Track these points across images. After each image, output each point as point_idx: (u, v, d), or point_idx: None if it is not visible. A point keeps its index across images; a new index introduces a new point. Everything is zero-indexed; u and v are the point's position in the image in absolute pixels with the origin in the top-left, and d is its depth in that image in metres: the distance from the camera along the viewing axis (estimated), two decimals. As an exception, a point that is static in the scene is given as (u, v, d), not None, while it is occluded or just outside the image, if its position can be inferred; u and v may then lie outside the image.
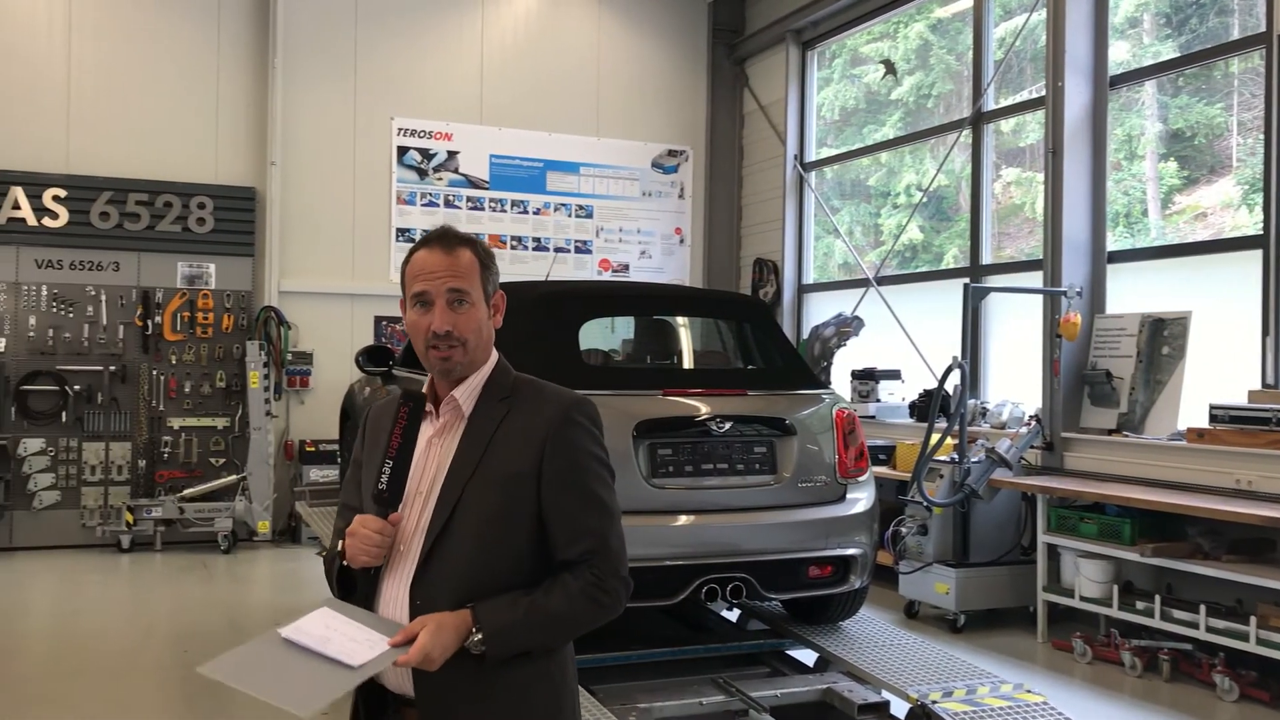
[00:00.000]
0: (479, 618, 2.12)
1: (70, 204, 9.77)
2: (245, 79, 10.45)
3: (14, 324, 9.65)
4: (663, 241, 12.05)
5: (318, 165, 10.66)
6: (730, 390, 5.12)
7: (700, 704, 4.58)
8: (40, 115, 9.80)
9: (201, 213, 10.17)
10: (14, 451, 9.58)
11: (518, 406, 2.30)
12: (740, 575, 4.71)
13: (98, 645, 6.73)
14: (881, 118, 10.78)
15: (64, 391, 9.72)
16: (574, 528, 2.23)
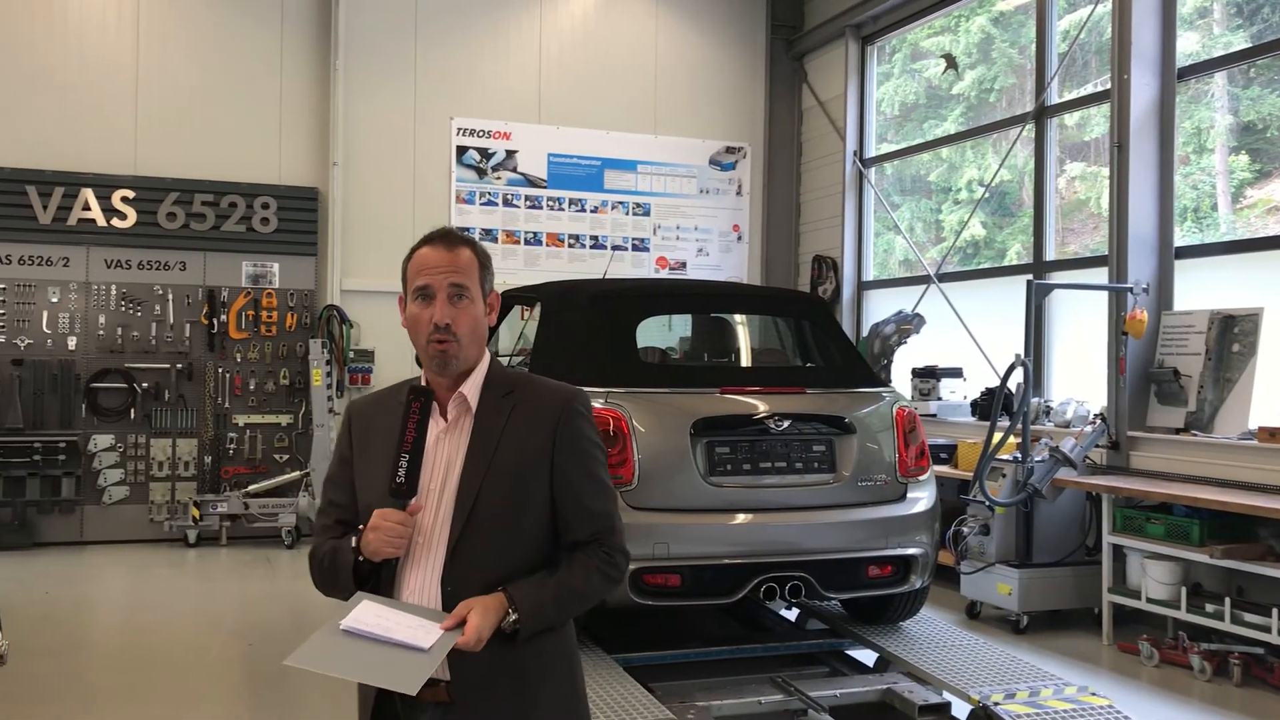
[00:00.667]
0: (513, 599, 2.24)
1: (138, 205, 9.97)
2: (308, 81, 10.59)
3: (84, 323, 9.87)
4: (720, 239, 12.02)
5: (379, 165, 10.78)
6: (789, 388, 5.09)
7: (759, 703, 4.57)
8: (109, 118, 10.01)
9: (265, 213, 10.32)
10: (84, 448, 9.80)
11: (521, 401, 2.41)
12: (799, 574, 4.69)
13: (165, 638, 6.86)
14: (942, 113, 10.66)
15: (132, 389, 9.93)
16: (585, 510, 2.38)
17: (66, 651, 6.38)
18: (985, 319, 9.49)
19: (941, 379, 9.43)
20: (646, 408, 4.76)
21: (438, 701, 2.29)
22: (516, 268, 11.08)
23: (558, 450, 2.37)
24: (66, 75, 9.89)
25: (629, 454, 4.63)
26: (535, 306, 5.98)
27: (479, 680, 2.28)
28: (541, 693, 2.34)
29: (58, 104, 9.85)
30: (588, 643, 4.93)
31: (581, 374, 4.96)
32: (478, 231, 11.08)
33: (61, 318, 9.80)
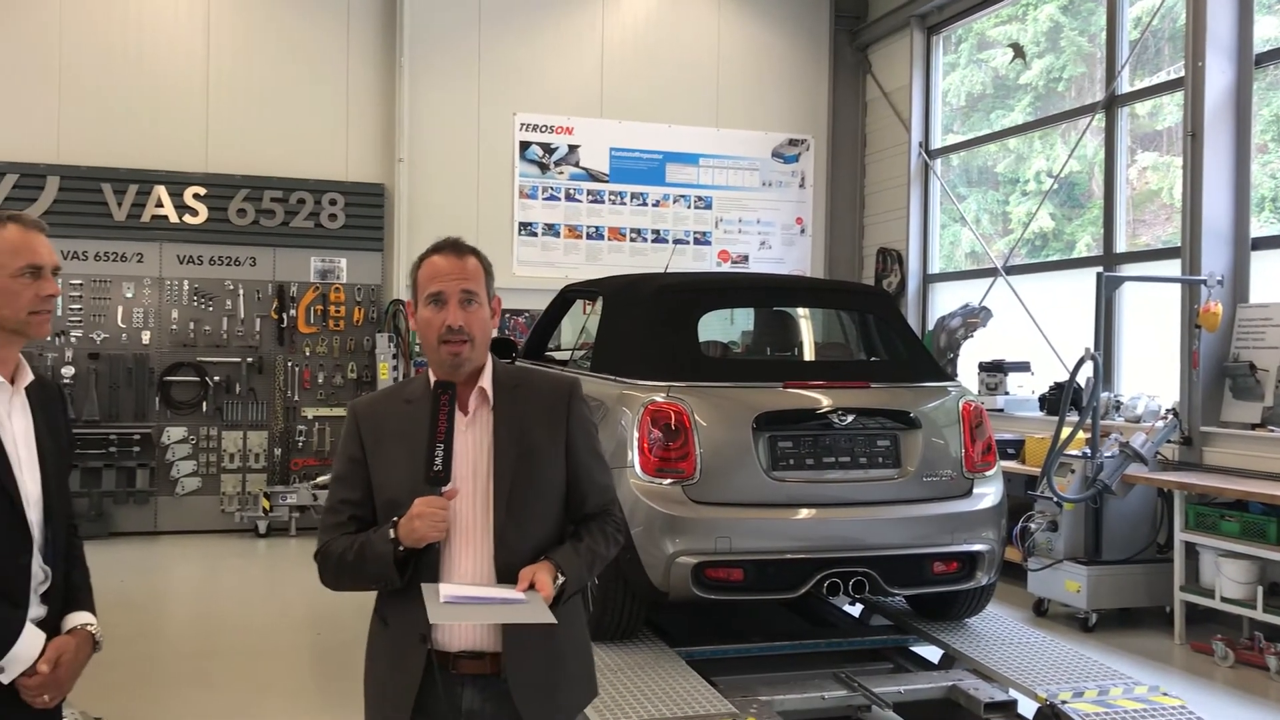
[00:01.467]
0: (559, 565, 2.48)
1: (209, 201, 10.16)
2: (374, 78, 10.71)
3: (158, 317, 10.09)
4: (783, 232, 11.96)
5: (443, 161, 10.87)
6: (853, 383, 5.06)
7: (822, 698, 4.55)
8: (181, 117, 10.21)
9: (333, 209, 10.47)
10: (158, 440, 10.02)
11: (530, 392, 2.64)
12: (863, 570, 4.66)
13: (235, 626, 7.00)
14: (1010, 103, 10.50)
15: (204, 382, 10.13)
16: (596, 485, 2.67)
17: (141, 639, 6.54)
18: (1054, 312, 9.34)
19: (1009, 373, 9.30)
20: (709, 402, 4.75)
21: (480, 674, 2.48)
22: (578, 262, 11.13)
23: (572, 432, 2.63)
24: (139, 76, 10.10)
25: (691, 448, 4.63)
26: (597, 301, 6.00)
27: (527, 647, 2.48)
28: (566, 653, 2.60)
29: (131, 104, 10.06)
30: (650, 635, 4.95)
31: (643, 368, 4.98)
32: (540, 226, 11.14)
33: (136, 312, 10.03)
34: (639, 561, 4.59)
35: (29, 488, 2.49)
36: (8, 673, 2.40)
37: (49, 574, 2.55)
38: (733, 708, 4.17)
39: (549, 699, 2.55)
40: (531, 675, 2.50)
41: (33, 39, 9.84)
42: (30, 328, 2.51)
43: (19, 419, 2.52)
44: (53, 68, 9.89)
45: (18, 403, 2.54)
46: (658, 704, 4.17)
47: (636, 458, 4.66)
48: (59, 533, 2.59)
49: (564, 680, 2.59)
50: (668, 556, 4.53)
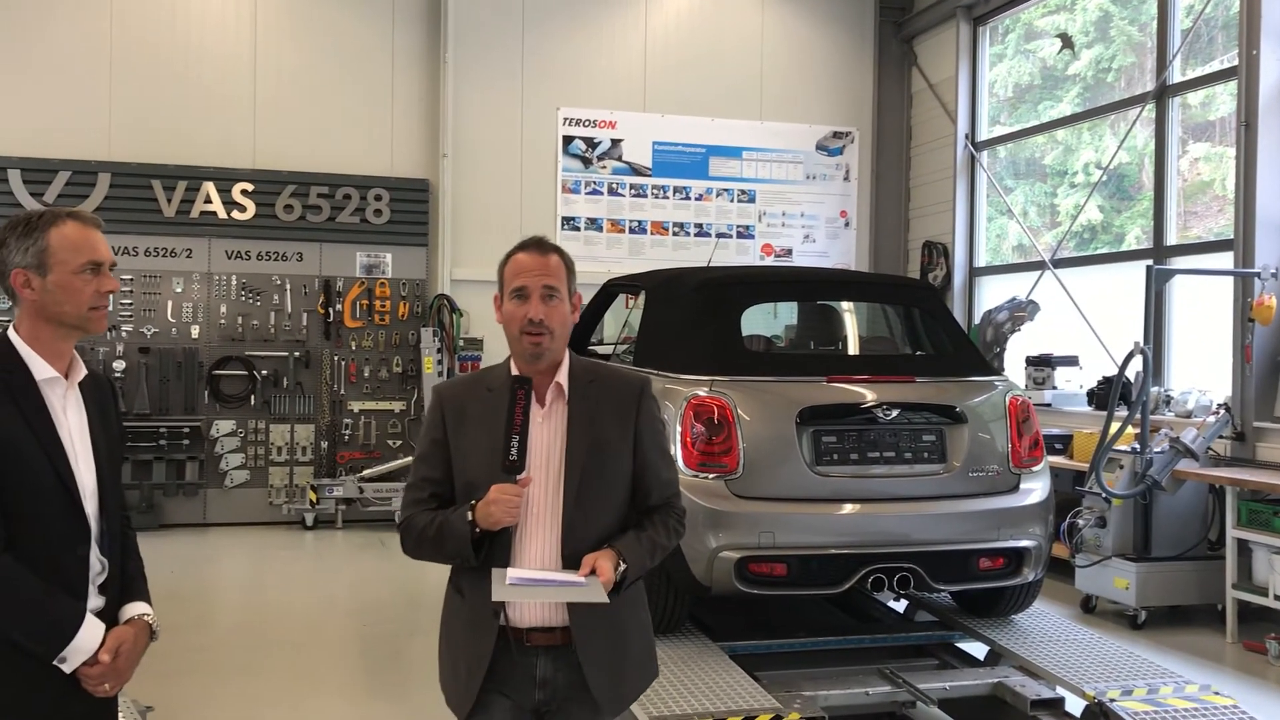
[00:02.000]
0: (622, 553, 2.65)
1: (257, 197, 10.28)
2: (418, 75, 10.78)
3: (207, 312, 10.22)
4: (827, 225, 11.89)
5: (487, 156, 10.92)
6: (898, 377, 5.03)
7: (866, 694, 4.53)
8: (229, 114, 10.33)
9: (378, 204, 10.55)
10: (207, 433, 10.16)
11: (604, 387, 2.79)
12: (907, 566, 4.63)
13: (283, 617, 7.09)
14: (1058, 93, 10.37)
15: (252, 376, 10.26)
16: (660, 480, 2.81)
17: (191, 629, 6.64)
18: (1102, 305, 9.23)
19: (1056, 367, 9.20)
20: (752, 396, 4.74)
21: (551, 646, 2.68)
22: (621, 256, 11.14)
23: (640, 428, 2.77)
24: (187, 73, 10.23)
25: (734, 442, 4.63)
26: (640, 295, 6.00)
27: (594, 625, 2.67)
28: (630, 635, 2.79)
29: (180, 101, 10.20)
30: (693, 630, 4.95)
31: (686, 362, 4.98)
32: (583, 221, 11.16)
33: (185, 307, 10.17)
34: (682, 556, 4.59)
35: (85, 480, 2.54)
36: (70, 662, 2.45)
37: (106, 565, 2.61)
38: (776, 703, 4.16)
39: (615, 674, 2.74)
40: (599, 651, 2.69)
41: (84, 40, 9.99)
42: (90, 323, 2.56)
43: (74, 413, 2.57)
44: (104, 67, 10.04)
45: (72, 397, 2.58)
46: (701, 699, 4.17)
47: (679, 452, 4.66)
48: (114, 524, 2.64)
49: (628, 658, 2.78)
50: (710, 551, 4.53)
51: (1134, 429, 7.05)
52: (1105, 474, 7.01)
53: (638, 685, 2.87)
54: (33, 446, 2.44)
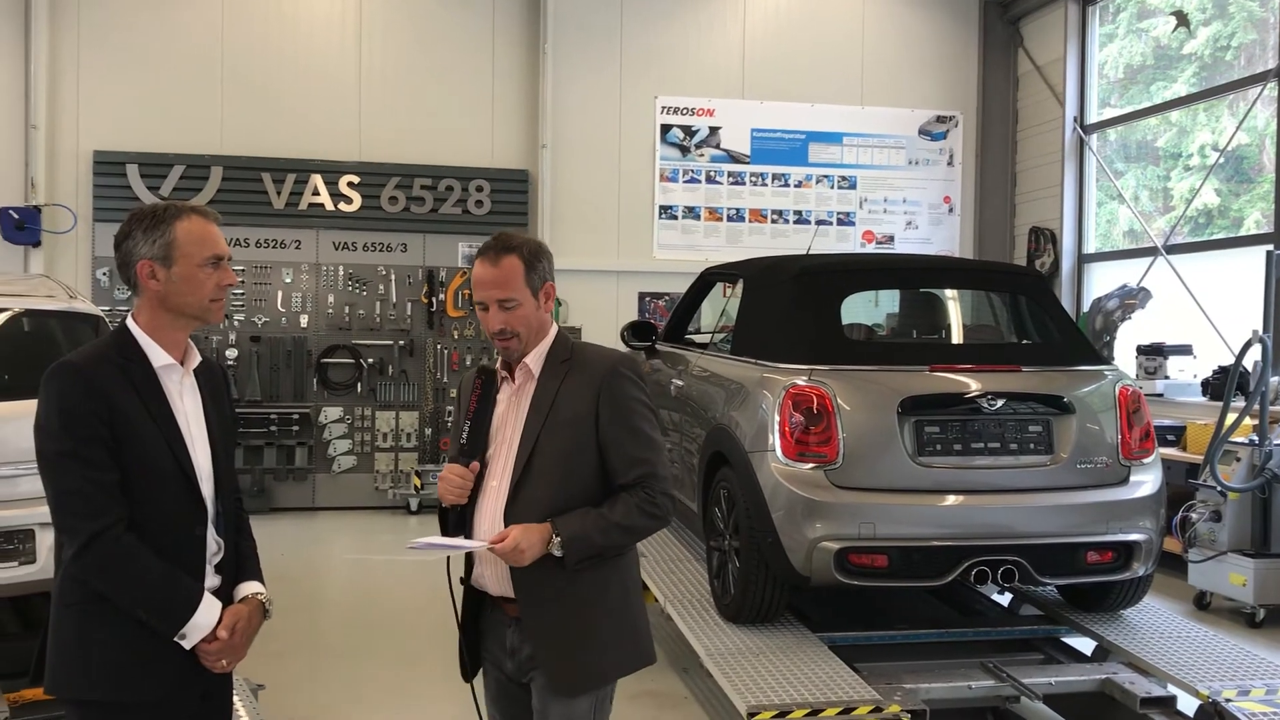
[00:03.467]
0: (557, 527, 2.69)
1: (362, 189, 10.50)
2: (518, 66, 10.88)
3: (315, 302, 10.48)
4: (930, 211, 11.70)
5: (585, 146, 10.98)
6: (1003, 366, 4.92)
7: (969, 688, 4.46)
8: (335, 108, 10.57)
9: (479, 195, 10.69)
10: (316, 419, 10.43)
11: (575, 367, 2.85)
12: (1012, 558, 4.54)
13: (389, 600, 7.24)
14: (1172, 73, 10.03)
15: (359, 364, 10.49)
16: (627, 457, 2.78)
17: (300, 610, 6.83)
18: (1218, 293, 8.91)
19: (1169, 357, 8.92)
20: (852, 385, 4.69)
21: (515, 618, 2.80)
22: (719, 245, 11.11)
23: (602, 404, 2.78)
24: (295, 68, 10.48)
25: (833, 432, 4.58)
26: (737, 283, 5.98)
27: (540, 599, 2.75)
28: (595, 613, 2.79)
29: (289, 97, 10.46)
30: (792, 620, 4.93)
31: (784, 351, 4.95)
32: (680, 209, 11.16)
33: (295, 297, 10.44)
34: (780, 546, 4.57)
35: (201, 463, 2.63)
36: (189, 639, 2.54)
37: (221, 545, 2.70)
38: (876, 695, 4.13)
39: (566, 651, 2.77)
40: (545, 625, 2.75)
41: (197, 40, 10.30)
42: (209, 314, 2.65)
43: (189, 399, 2.66)
44: (215, 65, 10.35)
45: (188, 384, 2.67)
46: (799, 689, 4.15)
47: (777, 441, 4.63)
48: (228, 506, 2.73)
49: (592, 640, 2.79)
50: (809, 541, 4.50)
51: (1252, 420, 6.81)
52: (1221, 466, 6.79)
53: (607, 667, 2.84)
54: (152, 431, 2.54)
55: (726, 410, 5.18)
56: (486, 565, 2.83)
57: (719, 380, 5.45)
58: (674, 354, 6.44)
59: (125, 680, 2.53)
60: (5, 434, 4.67)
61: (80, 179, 10.08)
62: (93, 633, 2.52)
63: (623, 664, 2.88)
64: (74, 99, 10.07)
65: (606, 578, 2.81)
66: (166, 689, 2.57)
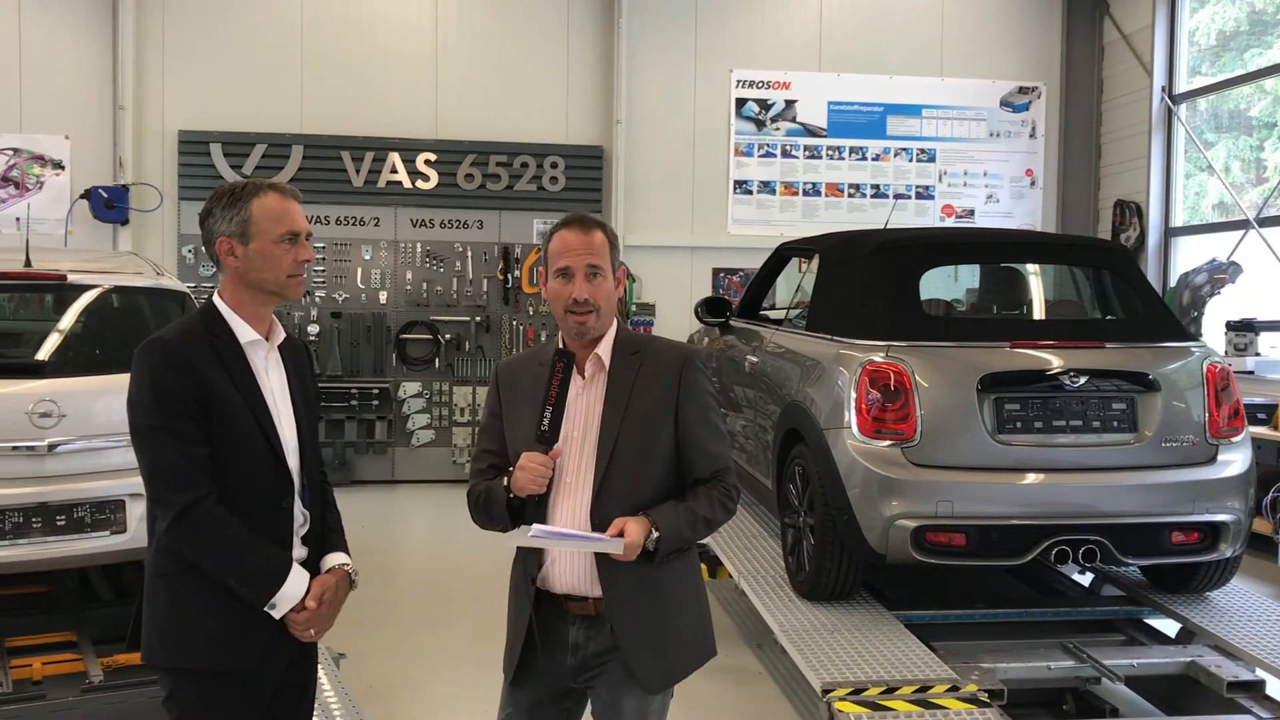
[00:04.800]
0: (655, 521, 2.67)
1: (439, 167, 10.59)
2: (593, 42, 10.88)
3: (394, 278, 10.63)
4: (1011, 184, 11.48)
5: (659, 122, 10.95)
6: (1086, 342, 4.83)
7: (1048, 668, 4.40)
8: (412, 87, 10.67)
9: (554, 172, 10.73)
10: (395, 394, 10.59)
11: (646, 359, 2.80)
12: (1094, 538, 4.46)
13: (467, 573, 7.35)
14: (1268, 39, 9.70)
15: (436, 340, 10.62)
16: (706, 453, 2.79)
17: (381, 582, 6.96)
18: (1314, 266, 8.64)
19: (1260, 333, 8.67)
20: (931, 362, 4.64)
21: (585, 615, 2.76)
22: (794, 220, 11.02)
23: (682, 400, 2.76)
24: (373, 47, 10.59)
25: (911, 409, 4.53)
26: (813, 259, 5.93)
27: (625, 595, 2.71)
28: (677, 609, 2.80)
29: (367, 76, 10.58)
30: (868, 598, 4.91)
31: (861, 327, 4.90)
32: (756, 184, 11.08)
33: (374, 274, 10.59)
34: (855, 523, 4.54)
35: (287, 437, 2.69)
36: (279, 609, 2.61)
37: (307, 517, 2.76)
38: (953, 674, 4.09)
39: (656, 647, 2.75)
40: (635, 621, 2.73)
41: (278, 21, 10.46)
42: (287, 290, 2.70)
43: (275, 374, 2.72)
44: (295, 46, 10.50)
45: (273, 359, 2.73)
46: (875, 667, 4.13)
47: (853, 418, 4.60)
48: (314, 478, 2.79)
49: (672, 633, 2.79)
50: (886, 519, 4.47)
51: (1348, 399, 6.59)
52: (1314, 446, 6.59)
53: (686, 662, 2.85)
54: (240, 405, 2.60)
55: (802, 387, 5.15)
56: (559, 561, 2.76)
57: (794, 357, 5.42)
58: (748, 330, 6.41)
59: (217, 649, 2.60)
60: (96, 407, 4.81)
61: (166, 158, 10.31)
62: (186, 602, 2.60)
63: (697, 658, 2.90)
64: (159, 80, 10.30)
65: (681, 571, 2.83)
66: (256, 658, 2.64)
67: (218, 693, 2.62)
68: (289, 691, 2.79)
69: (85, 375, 5.02)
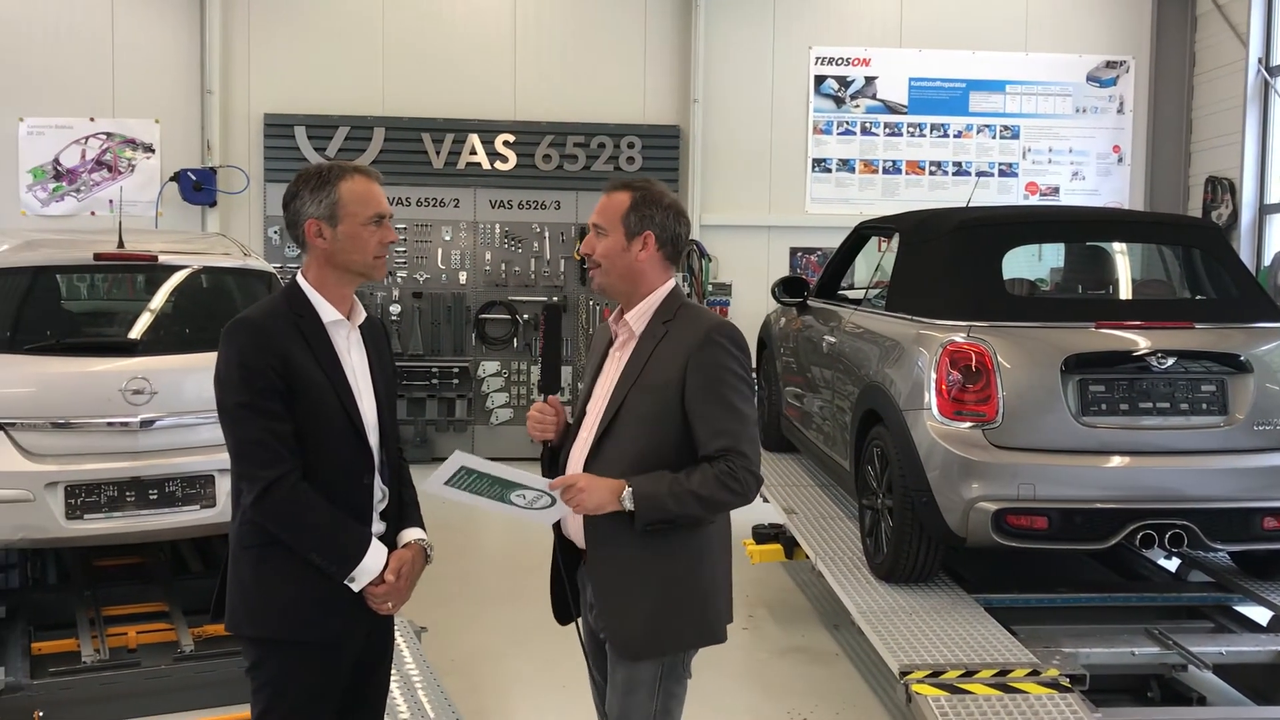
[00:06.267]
0: (631, 483, 2.68)
1: (517, 148, 10.65)
2: (670, 20, 10.83)
3: (473, 259, 10.73)
4: (1098, 161, 11.21)
5: (737, 100, 10.88)
6: (1174, 323, 4.72)
7: (1132, 654, 4.33)
8: (491, 68, 10.72)
9: (631, 152, 10.72)
10: (474, 372, 10.71)
11: (675, 329, 2.81)
12: (1181, 523, 4.37)
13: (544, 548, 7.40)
14: (1370, 8, 9.32)
15: (514, 320, 10.71)
16: (712, 429, 2.72)
17: (459, 557, 7.06)
18: None
19: (1360, 313, 8.35)
20: (1013, 342, 4.57)
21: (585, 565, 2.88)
22: (874, 198, 10.89)
23: (690, 372, 2.73)
24: (453, 31, 10.66)
25: (993, 390, 4.48)
26: (893, 238, 5.87)
27: (605, 554, 2.79)
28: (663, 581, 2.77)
29: (446, 58, 10.65)
30: (947, 580, 4.86)
31: (942, 307, 4.85)
32: (834, 162, 10.97)
33: (454, 254, 10.70)
34: (935, 505, 4.50)
35: (367, 414, 2.75)
36: (358, 582, 2.68)
37: (386, 493, 2.82)
38: (1033, 658, 4.05)
39: (626, 610, 2.78)
40: (608, 578, 2.81)
41: (360, 4, 10.58)
42: (372, 271, 2.75)
43: (356, 353, 2.78)
44: (376, 29, 10.61)
45: (355, 338, 2.79)
46: (954, 650, 4.10)
47: (933, 399, 4.55)
48: (392, 455, 2.85)
49: (650, 604, 2.77)
50: (966, 502, 4.42)
51: None
52: None
53: (670, 639, 2.79)
54: (323, 383, 2.66)
55: (881, 367, 5.10)
56: (570, 516, 2.84)
57: (873, 337, 5.37)
58: (826, 310, 6.37)
59: (298, 620, 2.67)
60: (186, 385, 4.95)
61: (252, 141, 10.51)
62: (268, 575, 2.67)
63: (683, 638, 2.84)
64: (245, 65, 10.49)
65: (676, 545, 2.78)
66: (336, 629, 2.70)
67: (299, 663, 2.69)
68: (368, 663, 2.86)
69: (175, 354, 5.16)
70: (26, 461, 4.74)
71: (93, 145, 10.17)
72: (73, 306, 6.31)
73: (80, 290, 6.85)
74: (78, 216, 10.08)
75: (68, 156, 10.12)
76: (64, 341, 5.16)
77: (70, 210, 10.11)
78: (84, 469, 4.81)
